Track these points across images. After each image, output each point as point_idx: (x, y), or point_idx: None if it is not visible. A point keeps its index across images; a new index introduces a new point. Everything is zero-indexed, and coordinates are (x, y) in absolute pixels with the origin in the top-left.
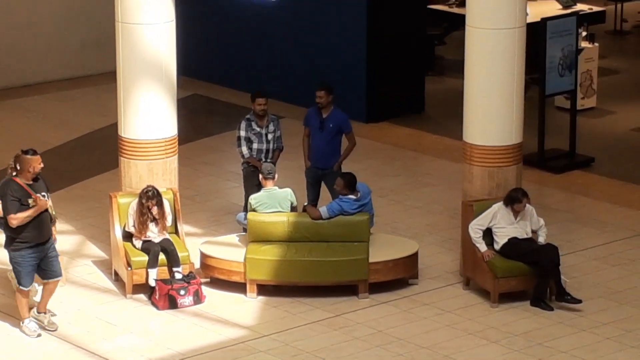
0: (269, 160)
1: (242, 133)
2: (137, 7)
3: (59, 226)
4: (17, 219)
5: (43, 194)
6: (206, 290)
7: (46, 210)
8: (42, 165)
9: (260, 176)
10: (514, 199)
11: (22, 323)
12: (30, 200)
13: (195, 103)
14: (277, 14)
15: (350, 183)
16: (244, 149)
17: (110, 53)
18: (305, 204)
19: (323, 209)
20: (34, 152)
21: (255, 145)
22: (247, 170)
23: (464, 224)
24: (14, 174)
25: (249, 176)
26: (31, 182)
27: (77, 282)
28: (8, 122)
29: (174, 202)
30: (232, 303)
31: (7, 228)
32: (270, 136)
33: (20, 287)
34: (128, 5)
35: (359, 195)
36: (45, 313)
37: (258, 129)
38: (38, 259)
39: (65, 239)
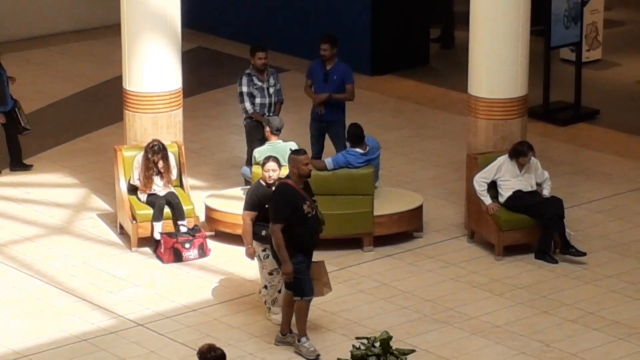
0: (271, 113)
1: (244, 89)
2: None
3: (64, 179)
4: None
5: (314, 198)
6: (211, 244)
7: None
8: (309, 167)
9: (267, 130)
10: (520, 152)
11: (299, 341)
12: (305, 206)
13: (199, 56)
14: None
15: (356, 135)
16: (247, 105)
17: (115, 6)
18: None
19: (328, 160)
20: (300, 152)
21: (257, 100)
22: (250, 125)
23: (469, 177)
24: (287, 175)
25: (253, 131)
26: (302, 186)
27: (82, 235)
28: (12, 75)
29: (178, 156)
30: (237, 256)
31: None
32: (271, 90)
33: (305, 298)
34: None
35: (367, 149)
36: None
37: (260, 84)
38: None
39: (70, 192)
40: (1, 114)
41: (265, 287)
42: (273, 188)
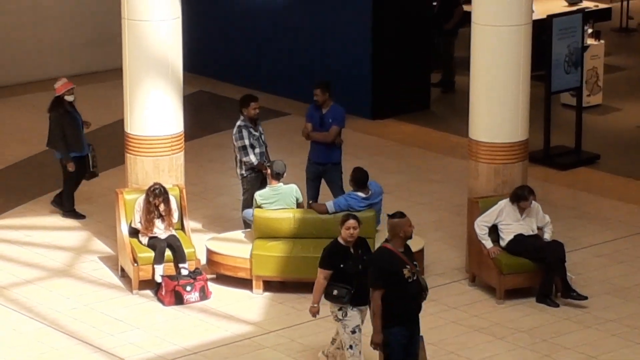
0: (267, 163)
1: (247, 142)
2: (143, 3)
3: (66, 222)
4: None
5: (415, 263)
6: (212, 287)
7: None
8: (413, 227)
9: (269, 174)
10: (520, 197)
11: None
12: (405, 271)
13: (201, 99)
14: (282, 10)
15: (359, 179)
16: (252, 157)
17: (117, 50)
18: (310, 202)
19: (329, 204)
20: (402, 215)
21: (257, 150)
22: (251, 177)
23: (470, 221)
24: (386, 239)
25: (254, 181)
26: (403, 250)
27: (83, 277)
28: (16, 118)
29: (180, 199)
30: (238, 299)
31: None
32: (263, 137)
33: None
34: (134, 2)
35: (369, 193)
36: None
37: (256, 134)
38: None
39: (71, 235)
40: (71, 162)
41: (351, 347)
42: (350, 247)
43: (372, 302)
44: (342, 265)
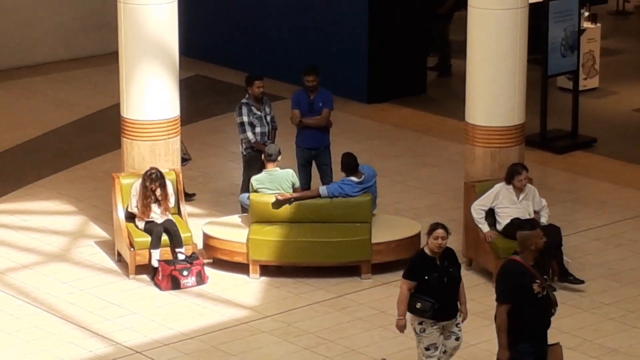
0: (268, 141)
1: (245, 119)
2: None
3: (62, 207)
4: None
5: (545, 277)
6: (209, 271)
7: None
8: (544, 239)
9: (265, 157)
10: (514, 172)
11: None
12: (535, 286)
13: (197, 84)
14: None
15: (349, 164)
16: (250, 134)
17: (113, 34)
18: (295, 196)
19: (322, 189)
20: (532, 227)
21: (258, 129)
22: (250, 155)
23: (466, 205)
24: (515, 251)
25: (252, 160)
26: (533, 263)
27: (80, 262)
28: (10, 103)
29: (176, 183)
30: (235, 284)
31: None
32: (268, 118)
33: None
34: None
35: (362, 177)
36: None
37: (258, 113)
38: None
39: (67, 220)
40: None
41: None
42: (437, 258)
43: (498, 317)
44: (426, 277)
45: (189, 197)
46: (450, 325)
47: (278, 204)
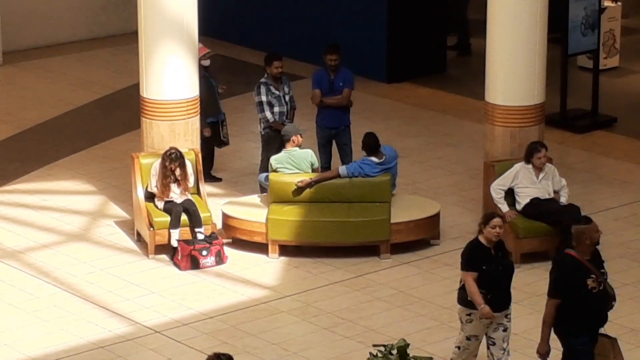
0: (287, 121)
1: (264, 98)
2: None
3: (82, 186)
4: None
5: (602, 270)
6: (228, 251)
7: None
8: (600, 232)
9: (285, 138)
10: (533, 150)
11: None
12: (589, 281)
13: (215, 63)
14: None
15: (371, 144)
16: (268, 114)
17: (132, 13)
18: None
19: (342, 168)
20: (588, 220)
21: (276, 109)
22: (269, 135)
23: (486, 185)
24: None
25: (271, 140)
26: (589, 257)
27: (99, 242)
28: (31, 83)
29: (195, 163)
30: (254, 263)
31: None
32: (287, 97)
33: None
34: None
35: (383, 157)
36: None
37: (277, 92)
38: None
39: (87, 200)
40: (208, 128)
41: (459, 347)
42: (492, 248)
43: (546, 309)
44: (484, 267)
45: (215, 180)
46: (500, 317)
47: (298, 190)
